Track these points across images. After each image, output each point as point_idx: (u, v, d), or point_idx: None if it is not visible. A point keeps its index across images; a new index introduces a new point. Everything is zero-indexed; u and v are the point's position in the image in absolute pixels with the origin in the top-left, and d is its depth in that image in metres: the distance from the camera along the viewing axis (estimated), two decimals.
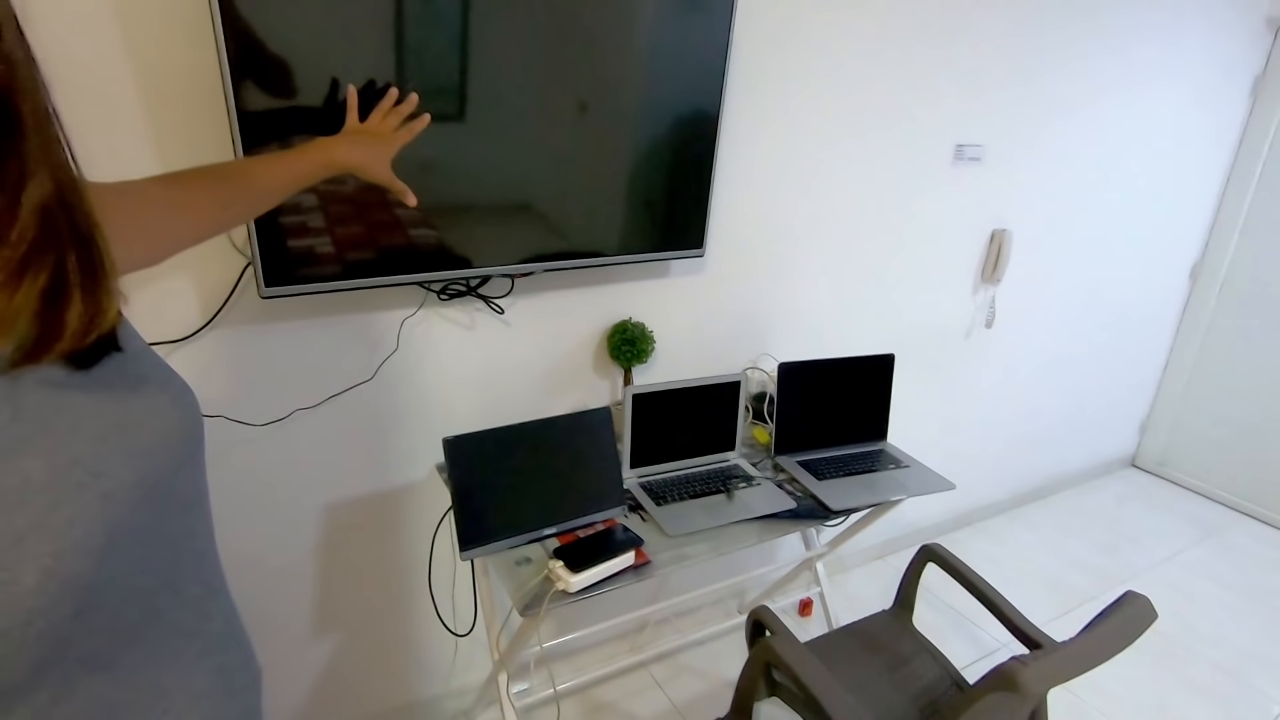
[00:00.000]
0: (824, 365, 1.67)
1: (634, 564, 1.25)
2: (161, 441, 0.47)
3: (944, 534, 2.69)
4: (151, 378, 0.49)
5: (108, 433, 0.44)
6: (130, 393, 0.47)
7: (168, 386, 0.50)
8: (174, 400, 0.50)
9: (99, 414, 0.44)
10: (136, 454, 0.45)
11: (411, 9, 1.11)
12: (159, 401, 0.48)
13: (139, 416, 0.46)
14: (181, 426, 0.50)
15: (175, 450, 0.49)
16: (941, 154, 1.98)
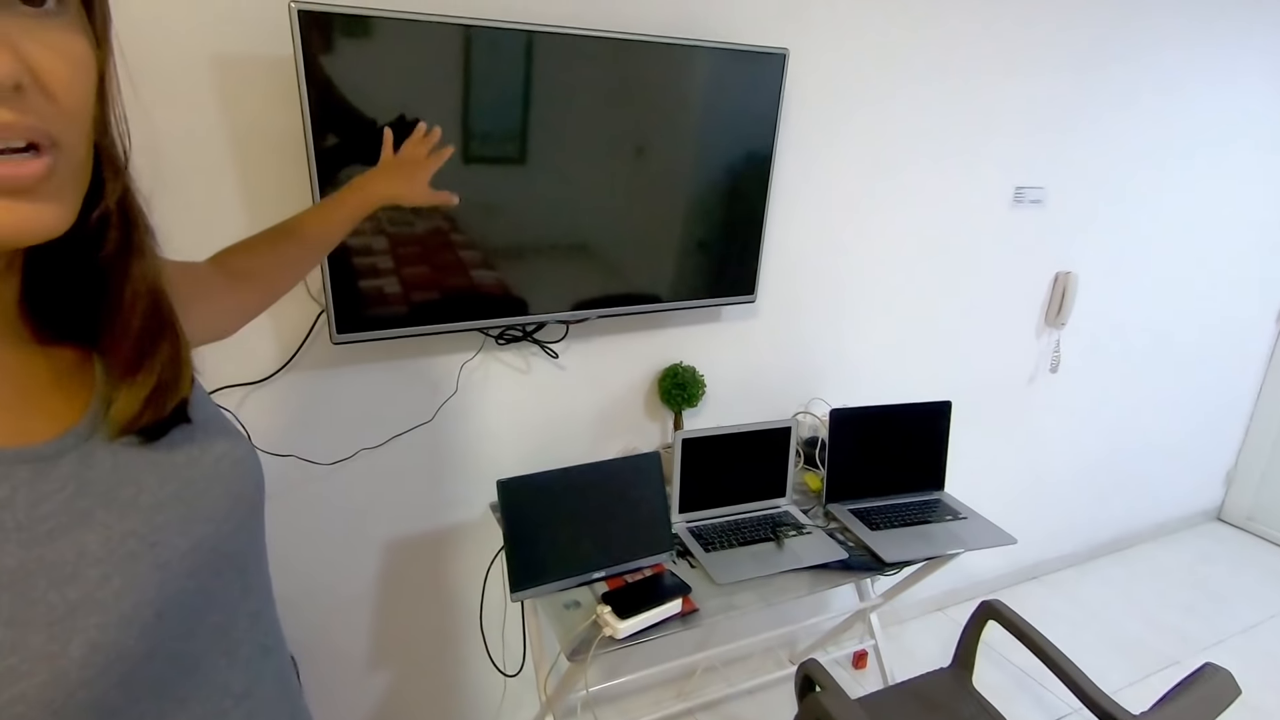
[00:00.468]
0: (878, 412, 1.65)
1: (681, 611, 1.25)
2: (221, 507, 0.47)
3: (1008, 587, 2.57)
4: (215, 442, 0.49)
5: (166, 501, 0.44)
6: (193, 459, 0.47)
7: (232, 451, 0.50)
8: (236, 464, 0.50)
9: (160, 483, 0.44)
10: (195, 520, 0.45)
11: (479, 64, 1.18)
12: (222, 467, 0.49)
13: (201, 484, 0.46)
14: (243, 490, 0.50)
15: (234, 514, 0.49)
16: (1000, 196, 1.95)
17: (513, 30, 1.18)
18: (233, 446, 0.50)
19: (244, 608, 0.50)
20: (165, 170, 1.10)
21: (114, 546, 0.40)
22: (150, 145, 1.08)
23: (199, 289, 0.67)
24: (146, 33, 1.03)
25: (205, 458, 0.48)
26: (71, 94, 0.35)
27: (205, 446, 0.48)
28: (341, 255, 1.18)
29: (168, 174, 1.10)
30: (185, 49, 1.06)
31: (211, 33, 1.07)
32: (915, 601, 2.35)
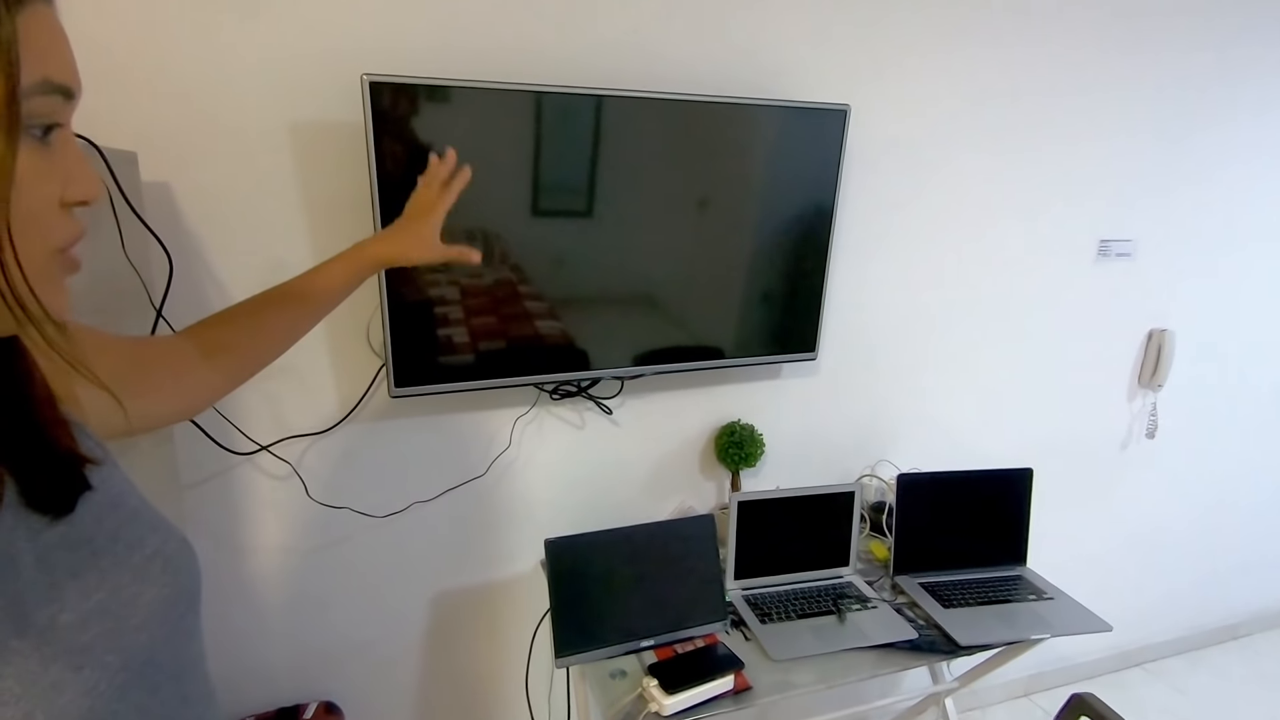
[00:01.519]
0: (951, 478, 1.55)
1: (733, 689, 1.17)
2: (153, 615, 0.44)
3: (1106, 674, 2.33)
4: (146, 538, 0.46)
5: (90, 616, 0.41)
6: (119, 561, 0.44)
7: (162, 548, 0.47)
8: (167, 563, 0.47)
9: (82, 595, 0.41)
10: (124, 633, 0.42)
11: (548, 126, 1.21)
12: (152, 568, 0.46)
13: (130, 590, 0.44)
14: (176, 592, 0.47)
15: (168, 618, 0.46)
16: (1083, 250, 1.84)
17: (582, 95, 1.21)
18: (163, 542, 0.47)
19: (183, 715, 0.46)
20: (238, 224, 1.16)
21: (33, 680, 0.37)
22: (227, 203, 1.15)
23: (164, 363, 0.65)
24: (231, 96, 1.11)
25: (133, 558, 0.45)
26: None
27: (133, 545, 0.45)
28: (405, 308, 1.21)
29: (242, 228, 1.17)
30: (265, 115, 1.13)
31: (289, 100, 1.14)
32: (997, 685, 2.15)
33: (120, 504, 0.46)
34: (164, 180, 1.11)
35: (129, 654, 0.42)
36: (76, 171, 0.37)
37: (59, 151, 0.36)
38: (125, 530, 0.45)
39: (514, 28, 1.23)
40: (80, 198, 0.38)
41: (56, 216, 0.37)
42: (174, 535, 0.49)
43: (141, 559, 0.45)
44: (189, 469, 1.22)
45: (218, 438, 1.21)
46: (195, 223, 1.14)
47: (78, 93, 0.37)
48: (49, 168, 0.36)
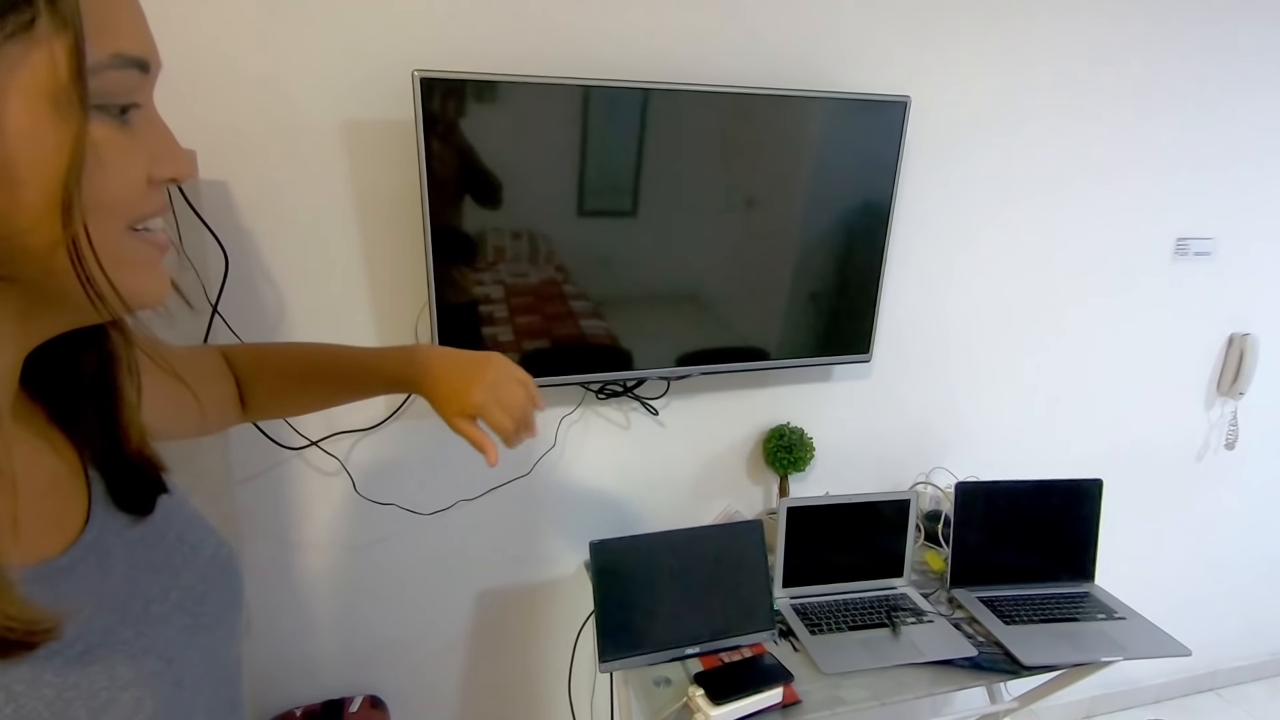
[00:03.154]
0: (1013, 488, 1.47)
1: (781, 702, 1.13)
2: (219, 614, 0.45)
3: (1176, 698, 2.20)
4: (205, 539, 0.47)
5: (172, 611, 0.42)
6: (188, 561, 0.45)
7: (220, 549, 0.48)
8: (225, 564, 0.47)
9: (164, 590, 0.42)
10: (200, 630, 0.43)
11: (595, 122, 1.19)
12: (213, 569, 0.46)
13: (199, 589, 0.44)
14: (234, 593, 0.48)
15: (227, 618, 0.46)
16: (1159, 248, 1.73)
17: (629, 89, 1.18)
18: (219, 545, 0.48)
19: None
20: (291, 222, 1.17)
21: (139, 666, 0.37)
22: (281, 201, 1.16)
23: (205, 375, 0.63)
24: (285, 96, 1.12)
25: (198, 559, 0.45)
26: None
27: (196, 547, 0.46)
28: (453, 306, 1.20)
29: (295, 226, 1.18)
30: (319, 113, 1.14)
31: (342, 99, 1.14)
32: (1056, 705, 2.05)
33: (184, 507, 0.47)
34: (221, 179, 1.13)
35: (204, 650, 0.43)
36: (164, 149, 0.36)
37: (143, 130, 0.34)
38: (189, 533, 0.46)
39: (560, 21, 1.21)
40: (170, 175, 0.36)
41: (142, 195, 0.35)
42: (224, 540, 0.50)
43: (204, 560, 0.46)
44: (241, 464, 1.24)
45: (269, 433, 1.23)
46: (250, 220, 1.16)
47: (155, 66, 0.35)
48: (130, 147, 0.33)
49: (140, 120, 0.34)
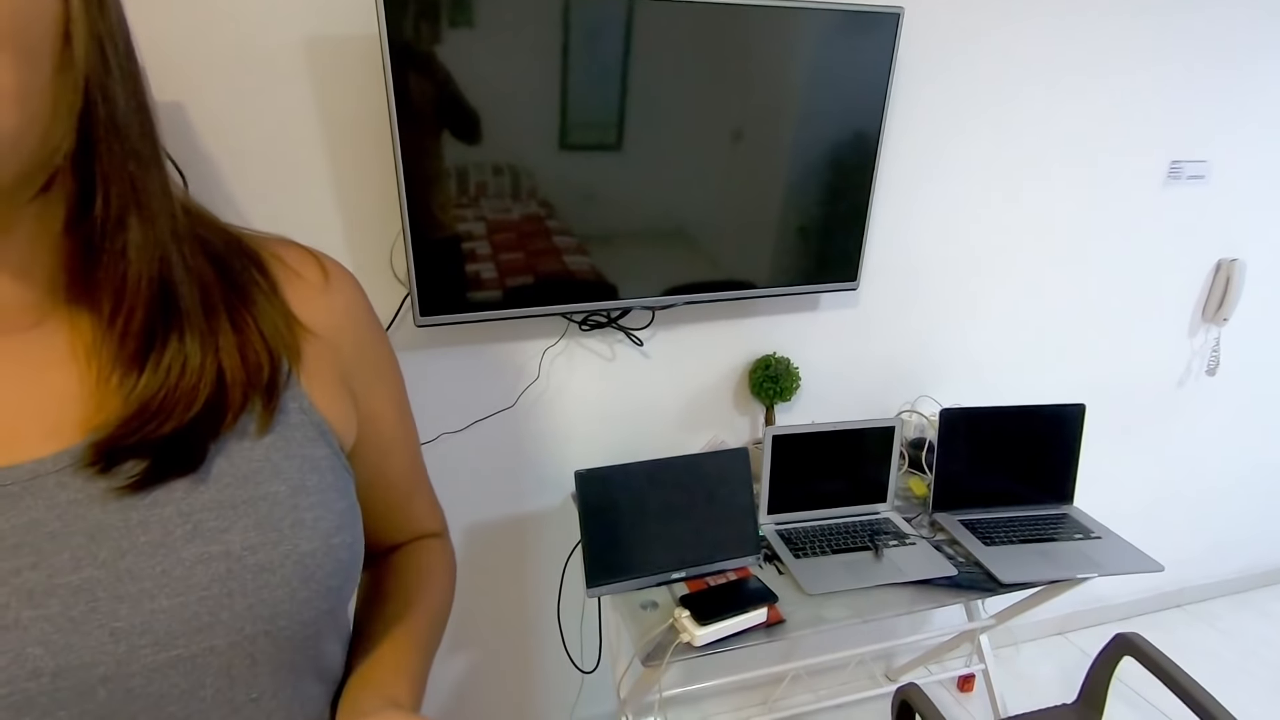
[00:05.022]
0: (996, 413, 1.48)
1: (766, 622, 1.16)
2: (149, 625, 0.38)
3: (1145, 614, 2.29)
4: (230, 532, 0.39)
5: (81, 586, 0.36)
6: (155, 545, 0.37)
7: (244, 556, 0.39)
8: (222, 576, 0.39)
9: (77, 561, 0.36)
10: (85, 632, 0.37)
11: (576, 46, 1.13)
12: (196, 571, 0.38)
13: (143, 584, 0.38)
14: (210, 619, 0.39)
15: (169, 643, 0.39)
16: (1152, 172, 1.70)
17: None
18: (253, 549, 0.39)
19: None
20: (255, 146, 1.12)
21: None
22: (242, 123, 1.10)
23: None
24: (244, 9, 1.05)
25: (180, 551, 0.37)
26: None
27: (206, 531, 0.38)
28: (429, 236, 1.16)
29: (258, 150, 1.12)
30: (280, 30, 1.07)
31: (305, 13, 1.07)
32: (1030, 623, 2.13)
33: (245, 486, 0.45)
34: (177, 99, 1.06)
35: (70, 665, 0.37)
36: None
37: None
38: (213, 518, 0.44)
39: None
40: None
41: None
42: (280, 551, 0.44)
43: (193, 556, 0.43)
44: None
45: None
46: (210, 144, 1.10)
47: None
48: None
49: None
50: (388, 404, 0.52)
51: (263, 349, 0.40)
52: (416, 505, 0.59)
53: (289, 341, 0.42)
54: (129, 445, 0.36)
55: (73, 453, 0.36)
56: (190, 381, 0.37)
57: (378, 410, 0.51)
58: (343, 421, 0.46)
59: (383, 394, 0.52)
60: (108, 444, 0.35)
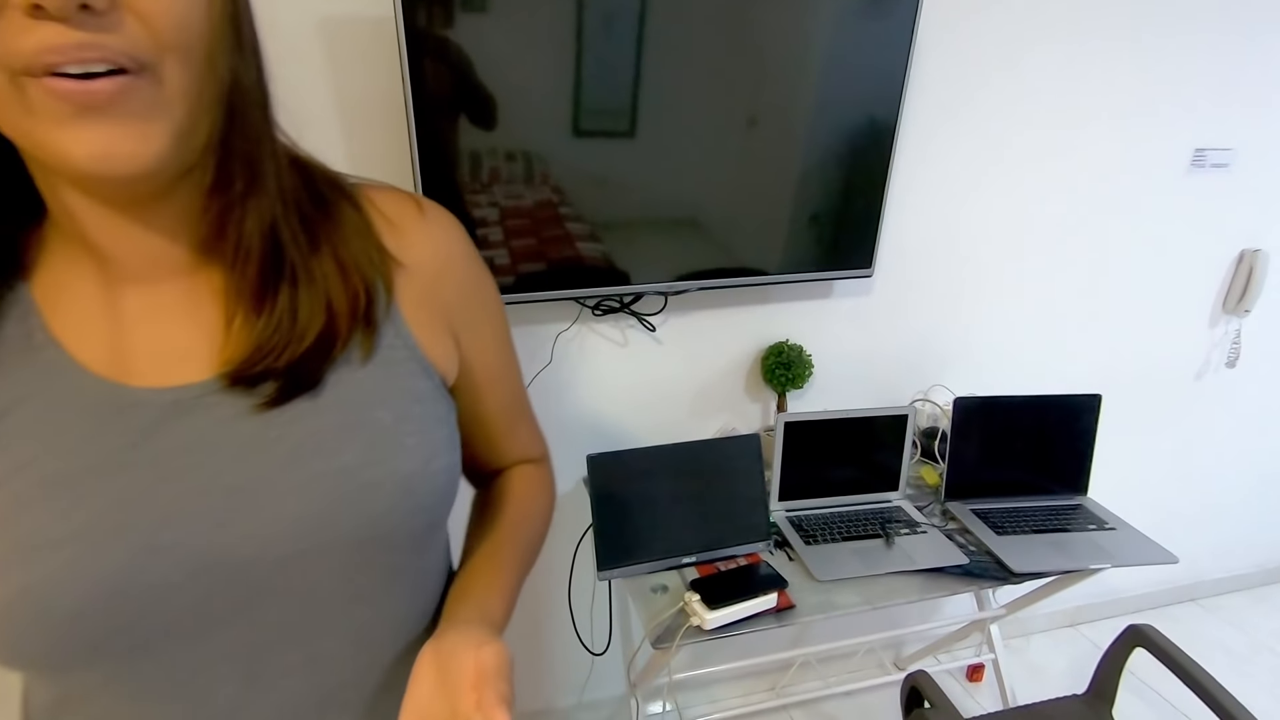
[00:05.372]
0: (1010, 403, 1.47)
1: (775, 607, 1.16)
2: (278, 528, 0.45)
3: (1158, 608, 2.27)
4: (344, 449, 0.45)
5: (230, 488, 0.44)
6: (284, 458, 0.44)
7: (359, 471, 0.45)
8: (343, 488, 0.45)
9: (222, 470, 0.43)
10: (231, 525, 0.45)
11: (591, 30, 1.12)
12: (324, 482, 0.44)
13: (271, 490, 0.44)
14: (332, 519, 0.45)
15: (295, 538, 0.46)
16: (1175, 160, 1.67)
17: None
18: (363, 466, 0.44)
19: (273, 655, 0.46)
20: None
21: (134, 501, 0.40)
22: None
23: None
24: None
25: (307, 465, 0.43)
26: (167, 20, 0.34)
27: (325, 447, 0.44)
28: None
29: None
30: (295, 8, 1.07)
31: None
32: (1042, 614, 2.12)
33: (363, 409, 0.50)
34: None
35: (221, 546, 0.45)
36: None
37: None
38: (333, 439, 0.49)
39: None
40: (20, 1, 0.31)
41: (5, 29, 0.31)
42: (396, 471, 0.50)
43: (317, 470, 0.48)
44: None
45: None
46: None
47: None
48: None
49: None
50: (490, 341, 0.57)
51: (359, 282, 0.46)
52: (519, 434, 0.64)
53: (384, 275, 0.47)
54: (255, 374, 0.43)
55: (217, 380, 0.43)
56: (301, 322, 0.43)
57: (481, 347, 0.55)
58: (444, 358, 0.51)
59: (485, 332, 0.56)
60: (238, 373, 0.42)
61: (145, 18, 0.33)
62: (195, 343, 0.43)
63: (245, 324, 0.43)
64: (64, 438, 0.40)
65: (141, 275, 0.43)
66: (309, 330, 0.43)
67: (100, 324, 0.42)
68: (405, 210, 0.51)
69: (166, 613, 0.41)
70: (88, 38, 0.32)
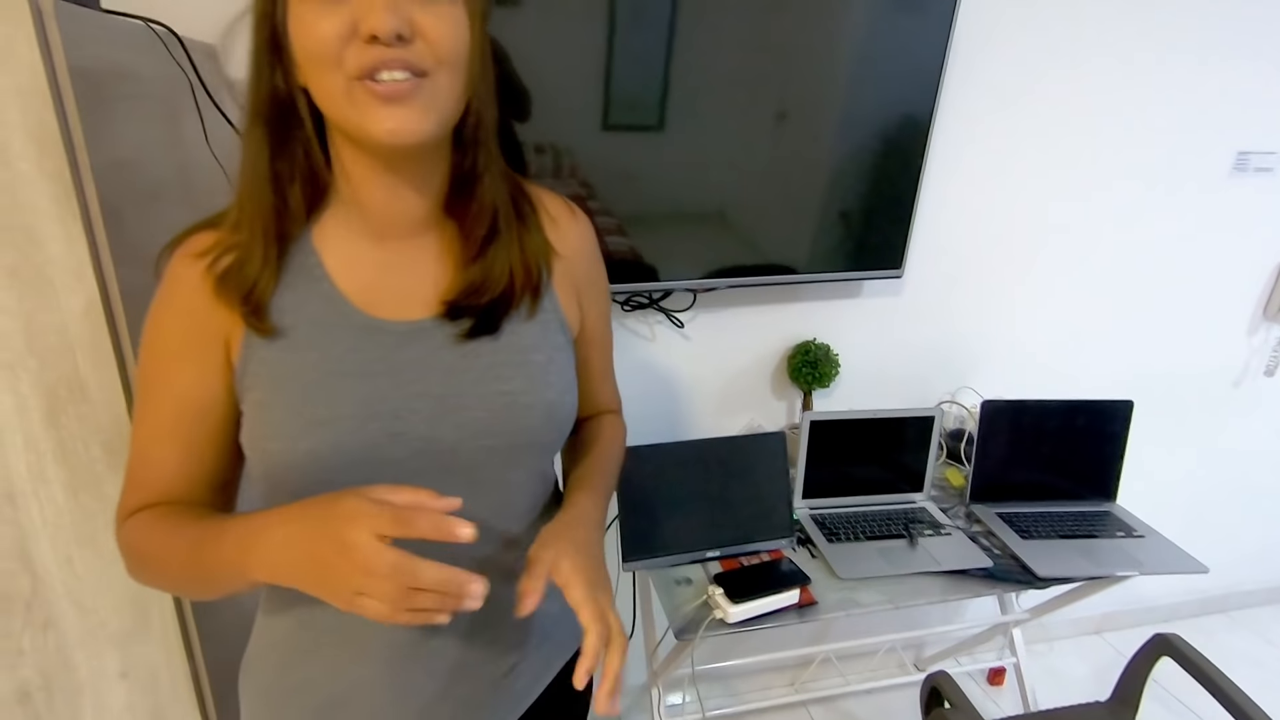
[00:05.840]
0: (1039, 407, 1.46)
1: (798, 603, 1.18)
2: (468, 425, 0.61)
3: (1186, 619, 2.24)
4: (513, 378, 0.62)
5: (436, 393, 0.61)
6: (476, 379, 0.61)
7: (519, 396, 0.62)
8: (506, 405, 0.61)
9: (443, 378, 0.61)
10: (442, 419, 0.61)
11: (621, 22, 1.13)
12: (494, 398, 0.61)
13: (468, 397, 0.61)
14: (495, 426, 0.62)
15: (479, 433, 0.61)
16: (1217, 163, 1.64)
17: None
18: (523, 393, 0.61)
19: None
20: None
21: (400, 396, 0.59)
22: None
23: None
24: None
25: (488, 386, 0.60)
26: (443, 45, 0.50)
27: (502, 375, 0.61)
28: None
29: None
30: None
31: None
32: (1066, 620, 2.10)
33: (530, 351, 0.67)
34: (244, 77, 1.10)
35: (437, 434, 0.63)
36: (362, 9, 0.47)
37: (348, 3, 0.48)
38: (507, 369, 0.65)
39: None
40: (365, 31, 0.47)
41: (348, 50, 0.48)
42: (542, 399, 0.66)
43: (494, 390, 0.64)
44: None
45: None
46: None
47: None
48: (324, 15, 0.48)
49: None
50: (600, 314, 0.75)
51: (533, 261, 0.63)
52: (605, 388, 0.82)
53: (546, 259, 0.64)
54: (462, 307, 0.60)
55: (434, 318, 0.60)
56: (497, 275, 0.60)
57: (595, 315, 0.73)
58: (574, 320, 0.69)
59: (599, 307, 0.74)
60: (451, 305, 0.60)
61: (431, 42, 0.50)
62: (422, 289, 0.60)
63: (462, 269, 0.60)
64: (335, 349, 0.57)
65: (391, 231, 0.59)
66: (500, 283, 0.60)
67: (357, 269, 0.59)
68: (561, 210, 0.69)
69: (391, 475, 0.56)
70: (398, 55, 0.48)
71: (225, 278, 0.55)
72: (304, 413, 0.55)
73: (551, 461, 0.70)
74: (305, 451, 0.55)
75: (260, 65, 0.53)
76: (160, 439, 0.58)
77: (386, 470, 0.57)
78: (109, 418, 0.74)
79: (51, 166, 0.65)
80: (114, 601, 0.81)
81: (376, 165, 0.56)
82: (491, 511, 0.64)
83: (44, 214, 0.66)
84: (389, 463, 0.58)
